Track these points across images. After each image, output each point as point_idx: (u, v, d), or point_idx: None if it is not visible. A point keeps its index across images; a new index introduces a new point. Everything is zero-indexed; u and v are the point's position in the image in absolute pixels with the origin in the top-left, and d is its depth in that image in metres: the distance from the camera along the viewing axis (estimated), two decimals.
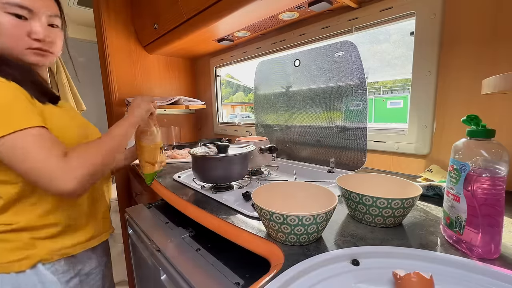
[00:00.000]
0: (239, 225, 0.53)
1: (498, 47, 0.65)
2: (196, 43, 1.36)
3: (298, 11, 0.96)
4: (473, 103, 0.70)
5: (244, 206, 0.64)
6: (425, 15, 0.75)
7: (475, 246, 0.38)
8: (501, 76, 0.35)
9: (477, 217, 0.38)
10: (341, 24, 0.94)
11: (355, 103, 0.84)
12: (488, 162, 0.37)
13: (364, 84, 0.81)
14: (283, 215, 0.41)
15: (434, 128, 0.78)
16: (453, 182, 0.41)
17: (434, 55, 0.74)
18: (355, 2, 0.87)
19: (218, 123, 1.71)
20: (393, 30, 0.90)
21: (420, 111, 0.79)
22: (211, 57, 1.61)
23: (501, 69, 0.65)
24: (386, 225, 0.49)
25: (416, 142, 0.81)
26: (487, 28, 0.66)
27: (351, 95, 0.84)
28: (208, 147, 0.91)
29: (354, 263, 0.38)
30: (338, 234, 0.47)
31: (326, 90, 0.92)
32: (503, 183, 0.37)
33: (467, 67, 0.70)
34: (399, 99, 5.85)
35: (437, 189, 0.63)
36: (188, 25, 1.12)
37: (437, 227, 0.48)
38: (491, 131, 0.38)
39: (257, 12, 0.95)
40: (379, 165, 0.92)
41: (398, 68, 1.03)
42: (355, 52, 0.81)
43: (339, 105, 0.88)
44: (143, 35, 1.46)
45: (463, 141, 0.41)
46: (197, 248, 0.63)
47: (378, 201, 0.47)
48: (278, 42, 1.19)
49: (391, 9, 0.81)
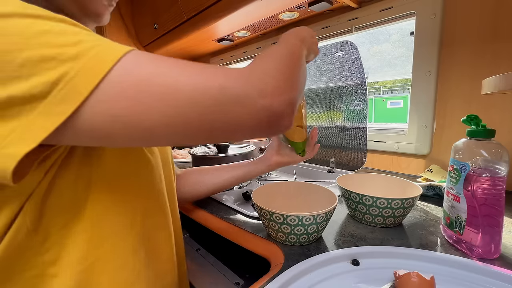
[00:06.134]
0: (239, 225, 0.53)
1: (498, 47, 0.65)
2: (196, 43, 1.36)
3: (298, 11, 0.96)
4: (473, 103, 0.70)
5: (244, 206, 0.64)
6: (425, 15, 0.75)
7: (475, 246, 0.38)
8: (501, 76, 0.35)
9: (477, 217, 0.38)
10: (341, 24, 0.94)
11: (355, 103, 0.84)
12: (488, 162, 0.37)
13: (364, 84, 0.81)
14: (283, 215, 0.41)
15: (434, 128, 0.78)
16: (453, 182, 0.41)
17: (434, 55, 0.74)
18: (355, 2, 0.87)
19: None
20: (393, 30, 0.90)
21: (420, 111, 0.79)
22: (211, 57, 1.61)
23: (501, 69, 0.65)
24: (386, 225, 0.49)
25: (416, 142, 0.81)
26: (487, 28, 0.66)
27: (351, 95, 0.84)
28: (208, 147, 0.91)
29: (354, 263, 0.38)
30: (338, 234, 0.47)
31: (326, 90, 0.92)
32: (503, 183, 0.37)
33: (467, 67, 0.70)
34: (399, 99, 5.85)
35: (437, 189, 0.63)
36: (188, 25, 1.12)
37: (437, 227, 0.48)
38: (491, 131, 0.38)
39: (257, 12, 0.95)
40: (379, 165, 0.92)
41: (398, 68, 1.04)
42: (355, 52, 0.81)
43: (339, 105, 0.88)
44: (143, 35, 1.45)
45: (463, 141, 0.41)
46: (197, 248, 0.63)
47: (378, 201, 0.47)
48: None
49: (391, 9, 0.81)
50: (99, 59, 0.22)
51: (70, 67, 0.21)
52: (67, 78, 0.21)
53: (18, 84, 0.21)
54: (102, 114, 0.22)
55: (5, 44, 0.20)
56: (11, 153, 0.21)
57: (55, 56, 0.21)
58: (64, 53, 0.22)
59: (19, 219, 0.27)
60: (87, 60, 0.22)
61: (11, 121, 0.21)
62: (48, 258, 0.29)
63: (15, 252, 0.28)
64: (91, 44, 0.23)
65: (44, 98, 0.21)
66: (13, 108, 0.21)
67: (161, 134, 0.25)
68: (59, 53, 0.21)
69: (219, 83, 0.24)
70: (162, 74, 0.24)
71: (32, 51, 0.21)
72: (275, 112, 0.26)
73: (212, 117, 0.25)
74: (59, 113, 0.21)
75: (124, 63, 0.23)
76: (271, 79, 0.27)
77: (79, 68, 0.22)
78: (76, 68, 0.21)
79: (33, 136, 0.21)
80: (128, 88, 0.23)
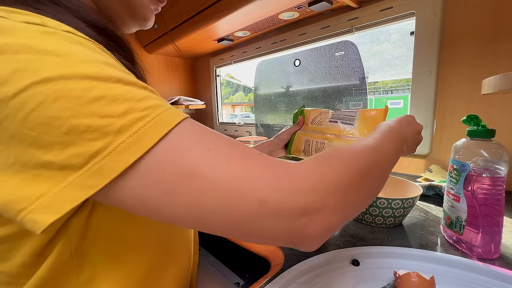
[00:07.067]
0: None
1: (498, 47, 0.65)
2: (196, 43, 1.36)
3: (298, 11, 0.96)
4: (473, 103, 0.70)
5: None
6: (425, 15, 0.75)
7: (475, 246, 0.38)
8: (501, 76, 0.35)
9: (477, 217, 0.38)
10: (341, 24, 0.94)
11: (355, 103, 0.84)
12: (488, 162, 0.37)
13: (364, 84, 0.81)
14: None
15: (434, 128, 0.78)
16: (453, 182, 0.41)
17: (434, 55, 0.74)
18: (355, 2, 0.87)
19: (218, 123, 1.71)
20: (393, 30, 0.90)
21: (420, 111, 0.79)
22: (211, 57, 1.61)
23: (501, 69, 0.65)
24: (386, 225, 0.49)
25: None
26: (487, 28, 0.66)
27: (351, 95, 0.84)
28: None
29: (354, 263, 0.38)
30: (338, 234, 0.47)
31: (326, 90, 0.92)
32: (503, 183, 0.37)
33: (467, 67, 0.70)
34: (399, 99, 5.85)
35: (437, 189, 0.63)
36: (188, 25, 1.12)
37: (437, 227, 0.48)
38: (491, 131, 0.38)
39: (257, 12, 0.95)
40: None
41: (398, 68, 1.04)
42: (355, 52, 0.81)
43: (339, 105, 0.88)
44: (142, 35, 1.45)
45: (463, 141, 0.41)
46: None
47: (378, 201, 0.47)
48: (278, 42, 1.18)
49: (391, 9, 0.81)
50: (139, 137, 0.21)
51: (110, 141, 0.20)
52: (106, 152, 0.20)
53: (59, 151, 0.20)
54: (130, 196, 0.22)
55: (58, 111, 0.20)
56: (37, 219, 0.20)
57: (99, 127, 0.20)
58: (109, 124, 0.20)
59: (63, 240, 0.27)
60: (129, 135, 0.21)
61: (44, 182, 0.21)
62: (83, 278, 0.29)
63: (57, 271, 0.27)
64: (137, 116, 0.21)
65: (79, 169, 0.20)
66: (49, 171, 0.20)
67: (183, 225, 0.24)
68: (104, 125, 0.20)
69: (259, 195, 0.21)
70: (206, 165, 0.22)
71: (80, 119, 0.20)
72: (307, 235, 0.23)
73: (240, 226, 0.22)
74: (89, 186, 0.21)
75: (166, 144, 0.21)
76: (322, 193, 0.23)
77: (118, 143, 0.20)
78: (116, 142, 0.20)
79: (59, 207, 0.20)
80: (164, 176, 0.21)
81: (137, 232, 0.32)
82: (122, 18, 0.40)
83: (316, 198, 0.22)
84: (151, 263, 0.34)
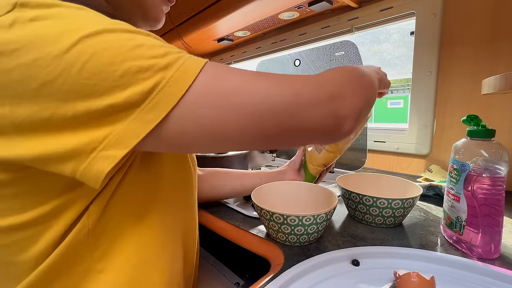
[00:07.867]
0: (239, 225, 0.53)
1: (498, 47, 0.65)
2: (196, 43, 1.36)
3: (298, 11, 0.96)
4: (473, 103, 0.70)
5: (244, 206, 0.64)
6: (425, 15, 0.75)
7: (475, 246, 0.38)
8: (501, 76, 0.35)
9: (477, 217, 0.38)
10: (341, 24, 0.94)
11: None
12: (488, 162, 0.37)
13: None
14: (283, 215, 0.41)
15: (434, 128, 0.78)
16: (453, 182, 0.41)
17: (434, 55, 0.74)
18: (355, 1, 0.87)
19: None
20: (393, 30, 0.90)
21: (420, 111, 0.79)
22: (211, 57, 1.61)
23: (501, 69, 0.65)
24: (386, 225, 0.49)
25: (416, 142, 0.81)
26: (487, 28, 0.66)
27: None
28: None
29: (354, 263, 0.38)
30: (338, 234, 0.47)
31: None
32: (503, 183, 0.37)
33: (467, 67, 0.70)
34: (399, 99, 5.84)
35: (437, 189, 0.63)
36: (188, 24, 1.12)
37: (437, 227, 0.48)
38: (491, 131, 0.38)
39: (257, 12, 0.95)
40: (379, 165, 0.92)
41: (398, 68, 1.04)
42: (355, 52, 0.81)
43: None
44: None
45: (463, 141, 0.41)
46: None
47: (378, 201, 0.47)
48: (278, 42, 1.18)
49: (391, 9, 0.81)
50: (184, 70, 0.24)
51: (162, 76, 0.23)
52: (159, 87, 0.23)
53: (118, 94, 0.22)
54: (190, 122, 0.24)
55: (110, 57, 0.22)
56: (109, 155, 0.22)
57: (149, 67, 0.23)
58: (157, 64, 0.23)
59: (83, 220, 0.28)
60: (175, 70, 0.24)
61: (106, 127, 0.22)
62: (97, 255, 0.31)
63: (72, 249, 0.29)
64: (176, 56, 0.24)
65: (138, 107, 0.23)
66: (111, 115, 0.22)
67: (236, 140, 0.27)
68: (153, 64, 0.23)
69: (294, 90, 0.27)
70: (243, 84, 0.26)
71: (131, 62, 0.22)
72: (340, 115, 0.28)
73: (286, 120, 0.26)
74: (150, 120, 0.23)
75: (206, 74, 0.25)
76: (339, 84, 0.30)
77: (169, 78, 0.23)
78: (167, 77, 0.23)
79: (126, 142, 0.23)
80: (212, 97, 0.24)
81: (155, 210, 0.34)
82: (134, 19, 0.41)
83: (335, 87, 0.29)
84: (165, 241, 0.35)
